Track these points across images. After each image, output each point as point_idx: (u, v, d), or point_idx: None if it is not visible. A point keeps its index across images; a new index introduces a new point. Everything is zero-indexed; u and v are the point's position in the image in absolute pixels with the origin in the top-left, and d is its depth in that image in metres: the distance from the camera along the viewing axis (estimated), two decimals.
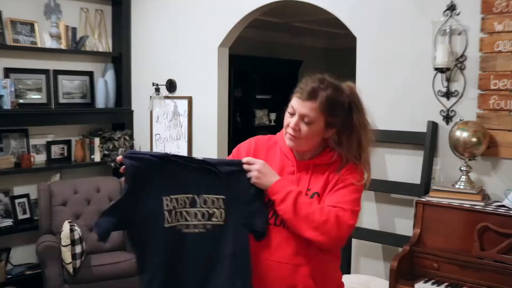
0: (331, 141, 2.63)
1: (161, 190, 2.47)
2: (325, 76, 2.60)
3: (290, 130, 2.56)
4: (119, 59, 6.78)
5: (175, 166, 2.51)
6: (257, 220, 2.56)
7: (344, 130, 2.58)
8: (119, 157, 2.45)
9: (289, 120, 2.57)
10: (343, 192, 2.52)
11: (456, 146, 4.04)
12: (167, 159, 2.50)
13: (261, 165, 2.57)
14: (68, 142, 6.49)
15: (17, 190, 6.12)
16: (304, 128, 2.52)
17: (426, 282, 3.73)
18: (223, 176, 2.56)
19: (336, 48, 10.07)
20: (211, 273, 2.53)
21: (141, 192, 2.43)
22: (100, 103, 6.59)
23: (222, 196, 2.56)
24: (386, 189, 4.60)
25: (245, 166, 2.58)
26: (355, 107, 2.57)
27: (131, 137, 6.76)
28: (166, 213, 2.47)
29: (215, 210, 2.55)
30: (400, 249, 4.09)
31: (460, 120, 4.20)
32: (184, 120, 6.24)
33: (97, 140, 6.54)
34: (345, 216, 2.44)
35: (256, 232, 2.56)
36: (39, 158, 6.24)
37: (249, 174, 2.56)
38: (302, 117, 2.52)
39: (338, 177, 2.55)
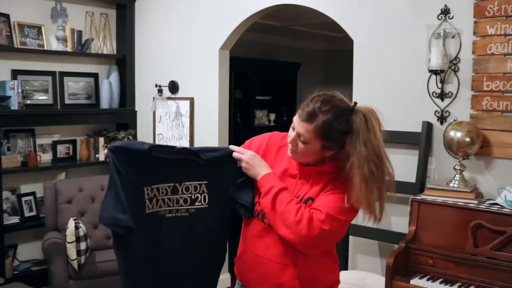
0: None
1: (142, 181, 2.50)
2: (335, 95, 2.45)
3: (289, 144, 2.54)
4: (123, 61, 6.78)
5: (156, 158, 2.54)
6: (244, 195, 2.60)
7: (345, 155, 2.40)
8: (105, 151, 2.51)
9: (290, 134, 2.53)
10: (329, 198, 2.43)
11: (450, 146, 4.03)
12: (149, 152, 2.51)
13: (249, 156, 2.60)
14: (73, 142, 6.50)
15: (24, 189, 6.11)
16: (300, 145, 2.47)
17: (421, 278, 3.72)
18: (205, 163, 2.59)
19: (333, 50, 10.04)
20: (196, 251, 2.59)
21: (123, 183, 2.45)
22: (104, 103, 6.59)
23: (205, 181, 2.60)
24: None
25: (235, 155, 2.62)
26: (358, 133, 2.35)
27: (135, 137, 6.74)
28: (147, 201, 2.51)
29: (198, 195, 2.59)
30: (396, 246, 4.10)
31: (454, 120, 4.19)
32: (186, 120, 6.23)
33: (101, 140, 6.52)
34: (318, 219, 2.36)
35: (244, 208, 2.60)
36: (45, 157, 6.23)
37: (239, 164, 2.61)
38: (298, 135, 2.46)
39: (334, 182, 2.47)
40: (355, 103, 2.44)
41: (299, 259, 2.50)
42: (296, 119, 2.47)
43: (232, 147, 2.68)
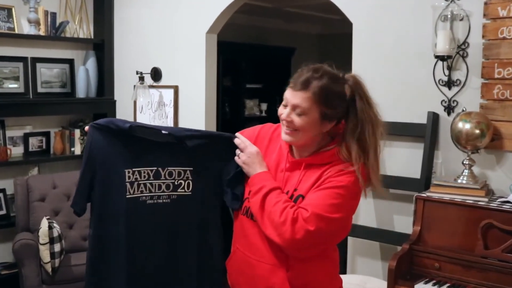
0: (327, 137, 2.60)
1: (124, 162, 2.58)
2: (323, 65, 2.57)
3: (283, 123, 2.54)
4: (101, 46, 6.75)
5: (140, 140, 2.60)
6: (240, 187, 2.66)
7: (347, 124, 2.53)
8: (87, 127, 2.60)
9: (282, 111, 2.54)
10: (319, 194, 2.44)
11: (458, 139, 4.02)
12: (129, 132, 2.57)
13: (253, 151, 2.64)
14: (47, 134, 6.48)
15: None
16: (296, 119, 2.49)
17: (426, 282, 3.73)
18: (190, 149, 2.64)
19: (330, 34, 10.04)
20: (177, 241, 2.64)
21: (103, 164, 2.56)
22: (80, 92, 6.57)
23: (190, 168, 2.65)
24: (384, 184, 4.47)
25: (238, 142, 2.70)
26: (359, 98, 2.52)
27: None
28: (128, 185, 2.58)
29: (182, 182, 2.64)
30: (399, 248, 4.08)
31: (463, 110, 4.18)
32: (169, 110, 6.23)
33: (77, 132, 6.52)
34: (303, 220, 2.38)
35: (232, 195, 2.65)
36: (16, 151, 6.22)
37: (238, 152, 2.68)
38: (293, 107, 2.49)
39: (327, 176, 2.48)
40: (343, 72, 2.58)
41: (291, 261, 2.50)
42: (289, 92, 2.53)
43: (238, 135, 2.75)
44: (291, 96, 2.50)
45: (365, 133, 2.48)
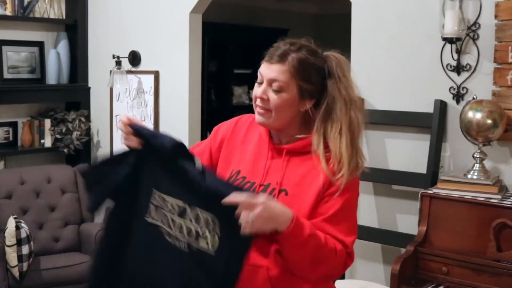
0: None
1: (155, 181, 2.47)
2: (300, 39, 2.64)
3: (258, 101, 2.54)
4: (74, 28, 6.74)
5: (178, 166, 2.40)
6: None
7: (323, 103, 2.55)
8: (125, 119, 2.50)
9: (256, 90, 2.55)
10: (339, 215, 2.47)
11: (469, 129, 4.03)
12: (174, 157, 2.40)
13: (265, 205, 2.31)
14: (13, 124, 6.47)
15: None
16: (273, 97, 2.50)
17: None
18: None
19: (327, 14, 10.07)
20: (187, 286, 2.43)
21: (138, 172, 2.49)
22: (51, 78, 6.56)
23: (220, 219, 2.33)
24: (387, 180, 4.62)
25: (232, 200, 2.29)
26: (334, 75, 2.54)
27: (88, 118, 6.75)
28: (151, 206, 2.48)
29: (207, 233, 2.34)
30: (402, 250, 4.10)
31: (473, 98, 4.17)
32: (149, 98, 6.23)
33: (47, 122, 6.50)
34: (349, 255, 2.48)
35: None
36: None
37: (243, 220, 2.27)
38: (270, 82, 2.51)
39: (325, 178, 2.46)
40: (322, 49, 2.63)
41: (276, 260, 2.46)
42: (264, 66, 2.55)
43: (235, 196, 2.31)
44: (266, 70, 2.53)
45: (337, 111, 2.51)
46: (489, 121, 3.93)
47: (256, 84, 2.56)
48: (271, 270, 2.46)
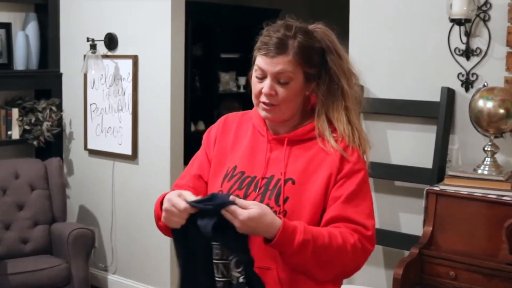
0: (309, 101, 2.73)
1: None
2: (287, 21, 2.68)
3: (264, 98, 2.59)
4: (44, 8, 6.73)
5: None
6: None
7: (324, 81, 2.65)
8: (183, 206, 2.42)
9: (260, 86, 2.59)
10: (359, 195, 2.58)
11: (479, 120, 4.03)
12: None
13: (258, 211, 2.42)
14: None
15: None
16: (281, 90, 2.57)
17: None
18: None
19: None
20: None
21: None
22: (19, 63, 6.55)
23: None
24: (388, 176, 4.64)
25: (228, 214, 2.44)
26: (330, 51, 2.64)
27: (59, 107, 6.74)
28: (215, 266, 2.53)
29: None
30: (406, 253, 4.13)
31: (484, 86, 4.17)
32: (127, 85, 6.22)
33: (15, 112, 6.48)
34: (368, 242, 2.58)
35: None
36: None
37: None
38: (275, 77, 2.56)
39: (336, 161, 2.58)
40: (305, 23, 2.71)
41: (281, 259, 2.54)
42: (264, 61, 2.58)
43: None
44: (269, 65, 2.56)
45: (339, 86, 2.63)
46: (501, 111, 3.93)
47: (255, 79, 2.61)
48: (280, 272, 2.56)
